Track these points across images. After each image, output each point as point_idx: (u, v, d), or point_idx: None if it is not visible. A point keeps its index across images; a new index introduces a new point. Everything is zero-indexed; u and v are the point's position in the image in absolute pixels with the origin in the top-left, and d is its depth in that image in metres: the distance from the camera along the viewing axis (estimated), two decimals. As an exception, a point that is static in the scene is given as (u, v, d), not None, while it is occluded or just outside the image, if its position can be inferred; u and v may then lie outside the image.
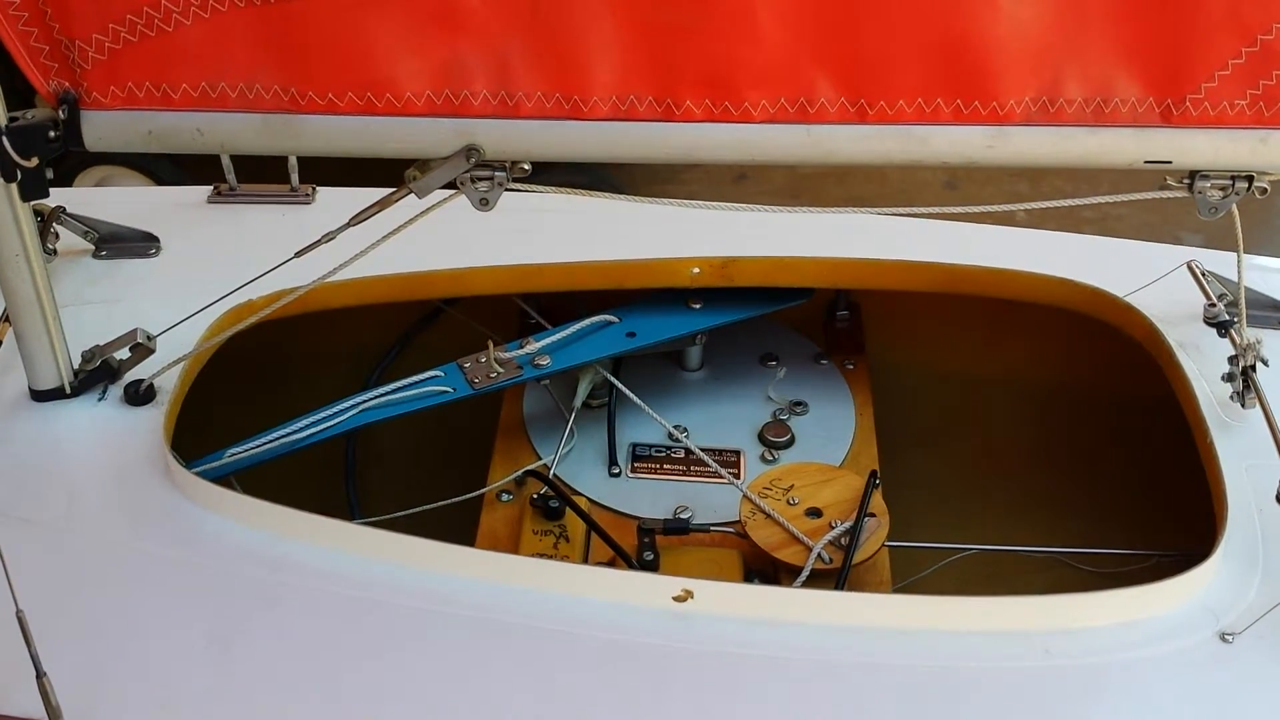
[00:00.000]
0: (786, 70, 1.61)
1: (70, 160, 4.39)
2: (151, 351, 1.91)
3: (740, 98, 1.63)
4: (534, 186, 1.71)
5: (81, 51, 1.62)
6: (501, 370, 2.06)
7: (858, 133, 1.65)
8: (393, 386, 2.06)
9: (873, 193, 5.11)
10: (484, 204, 1.71)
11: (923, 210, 1.84)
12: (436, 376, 2.07)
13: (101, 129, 1.67)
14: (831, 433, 2.12)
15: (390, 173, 1.75)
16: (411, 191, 1.71)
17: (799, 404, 2.21)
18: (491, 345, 2.08)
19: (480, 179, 1.68)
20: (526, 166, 1.69)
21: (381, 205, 1.76)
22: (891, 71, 1.61)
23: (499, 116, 1.64)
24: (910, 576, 2.04)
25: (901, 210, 1.89)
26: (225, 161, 2.29)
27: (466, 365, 2.08)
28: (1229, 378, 1.91)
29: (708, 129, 1.65)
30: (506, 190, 1.70)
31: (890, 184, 5.11)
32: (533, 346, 2.10)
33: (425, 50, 1.61)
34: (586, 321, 2.15)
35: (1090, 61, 1.60)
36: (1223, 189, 1.68)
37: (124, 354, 1.92)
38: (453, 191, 1.72)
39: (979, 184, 4.70)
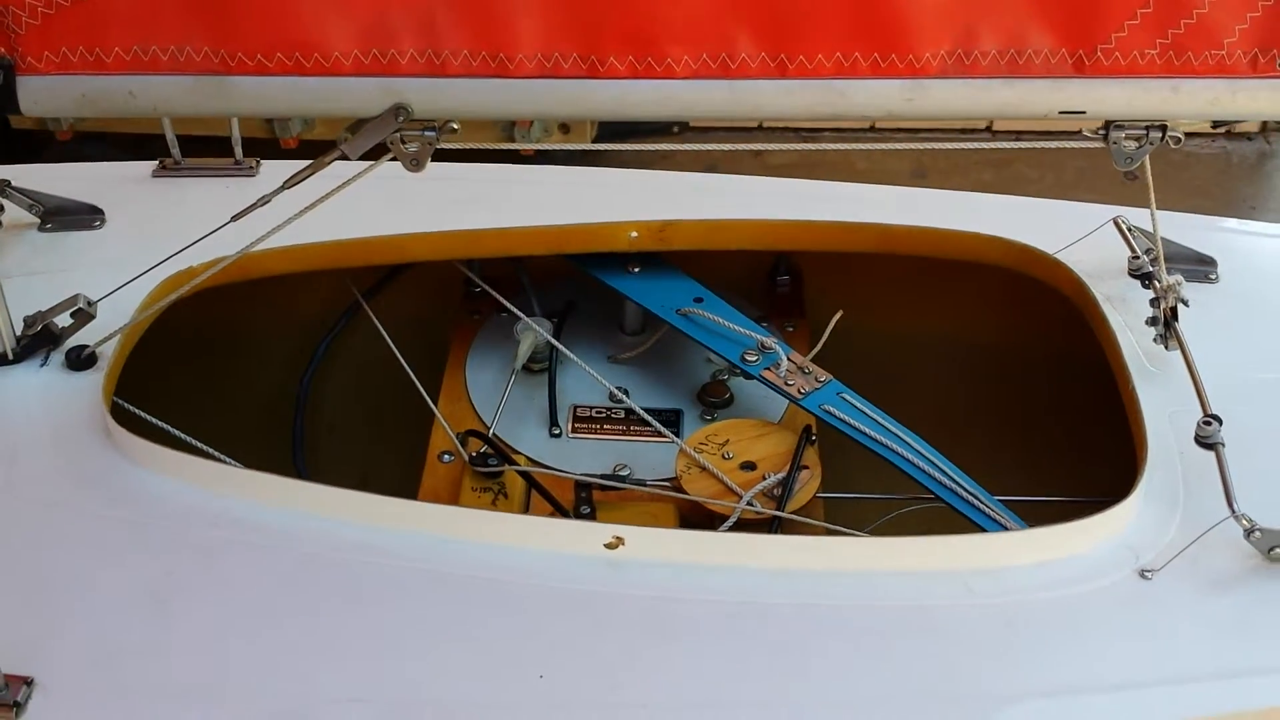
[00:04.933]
0: (707, 26, 1.64)
1: (46, 158, 4.45)
2: (92, 317, 1.93)
3: (663, 54, 1.66)
4: (465, 145, 1.74)
5: (15, 17, 1.63)
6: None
7: (779, 87, 1.68)
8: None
9: (840, 177, 5.14)
10: (415, 164, 1.73)
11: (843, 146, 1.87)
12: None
13: (37, 94, 1.68)
14: (770, 393, 2.15)
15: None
16: (343, 153, 1.73)
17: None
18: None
19: (410, 139, 1.71)
20: (455, 126, 1.72)
21: (314, 168, 1.79)
22: (810, 25, 1.64)
23: (426, 75, 1.67)
24: (851, 528, 2.07)
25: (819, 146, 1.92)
26: (169, 136, 2.32)
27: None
28: (1152, 321, 1.96)
29: (632, 86, 1.67)
30: (438, 150, 1.72)
31: (857, 174, 5.16)
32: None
33: (352, 9, 1.63)
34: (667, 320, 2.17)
35: (1002, 13, 1.63)
36: (1137, 139, 1.72)
37: (66, 321, 1.94)
38: (387, 155, 1.74)
39: (945, 174, 4.76)
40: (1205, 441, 1.74)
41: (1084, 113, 1.69)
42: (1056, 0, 1.62)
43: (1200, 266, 2.12)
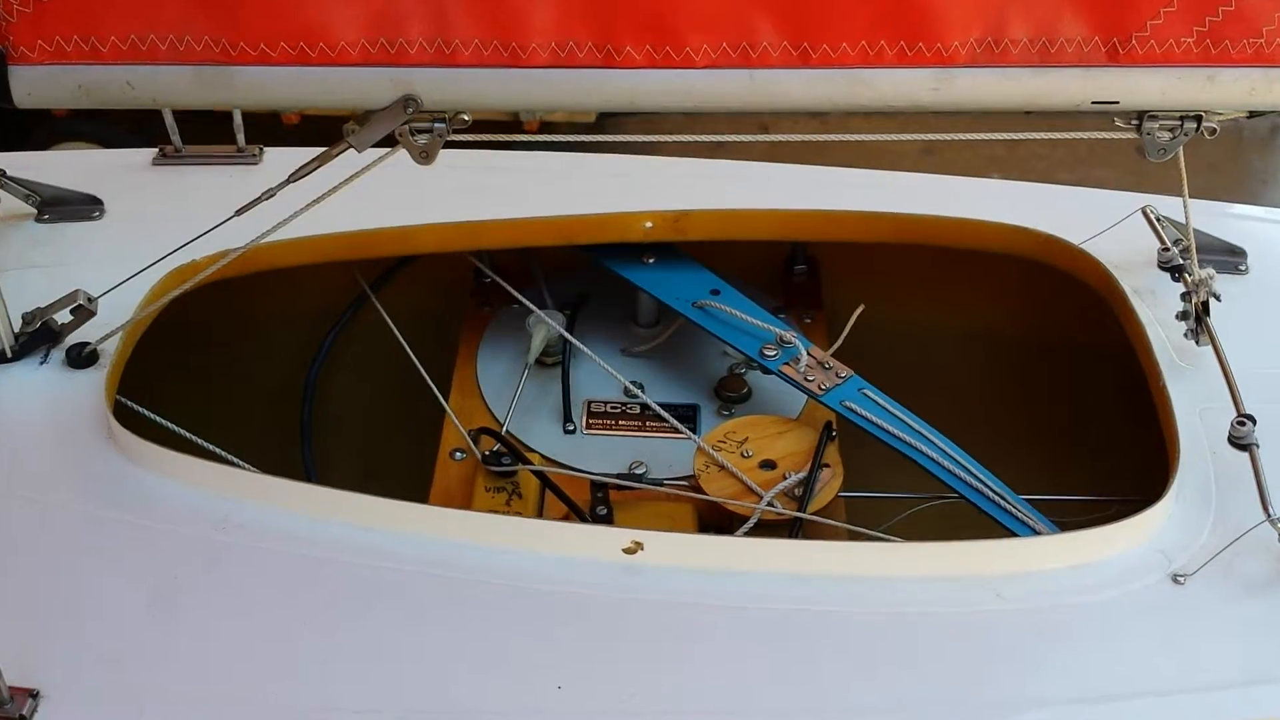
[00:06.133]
0: (728, 14, 1.59)
1: (40, 135, 4.39)
2: (93, 314, 1.88)
3: (681, 43, 1.61)
4: (476, 136, 1.68)
5: (6, 4, 1.58)
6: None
7: (801, 77, 1.63)
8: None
9: (851, 162, 5.07)
10: (424, 157, 1.68)
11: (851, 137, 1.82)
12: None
13: (31, 84, 1.63)
14: (788, 387, 2.11)
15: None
16: (350, 145, 1.68)
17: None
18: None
19: (419, 131, 1.66)
20: (466, 118, 1.67)
21: (321, 160, 1.74)
22: (834, 13, 1.59)
23: (436, 65, 1.61)
24: (873, 528, 2.03)
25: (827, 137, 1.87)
26: (169, 122, 2.26)
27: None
28: (1183, 315, 1.91)
29: (649, 75, 1.62)
30: (446, 143, 1.67)
31: (868, 152, 5.10)
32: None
33: None
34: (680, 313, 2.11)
35: (1034, 1, 1.58)
36: (1171, 129, 1.66)
37: (66, 317, 1.89)
38: (394, 147, 1.69)
39: (956, 149, 4.72)
40: (1239, 442, 1.70)
41: (1117, 103, 1.64)
42: None
43: (1230, 258, 2.07)
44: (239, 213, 1.80)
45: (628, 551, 1.62)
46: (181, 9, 1.58)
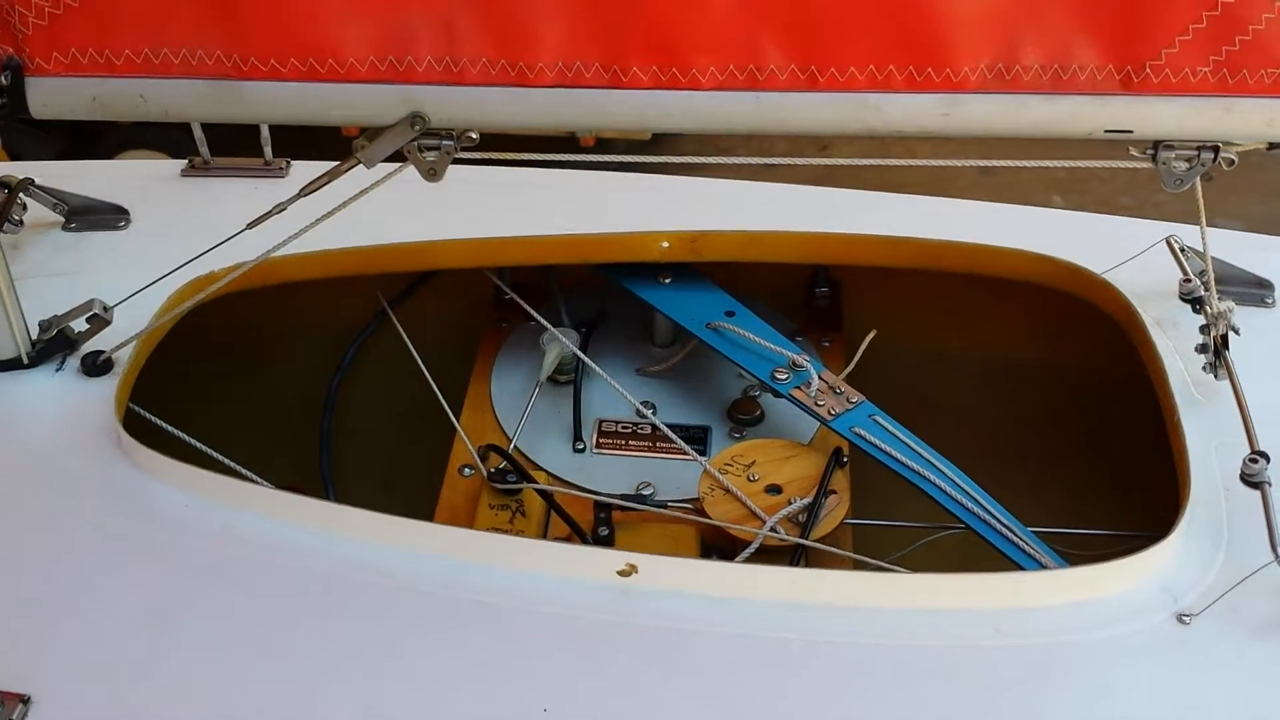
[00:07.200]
0: (735, 36, 1.58)
1: (108, 142, 4.47)
2: (108, 323, 1.91)
3: (688, 64, 1.60)
4: (483, 154, 1.69)
5: (22, 17, 1.61)
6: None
7: (808, 101, 1.61)
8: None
9: (907, 179, 5.03)
10: (432, 174, 1.69)
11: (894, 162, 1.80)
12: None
13: (46, 95, 1.66)
14: (802, 411, 2.09)
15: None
16: (359, 161, 1.69)
17: (771, 381, 2.17)
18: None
19: (428, 148, 1.66)
20: (474, 135, 1.67)
21: (331, 176, 1.75)
22: (842, 37, 1.57)
23: (444, 83, 1.62)
24: (882, 556, 2.01)
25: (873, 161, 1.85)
26: (197, 135, 2.29)
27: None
28: (1202, 348, 1.87)
29: (656, 96, 1.62)
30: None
31: (924, 169, 5.04)
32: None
33: (368, 14, 1.59)
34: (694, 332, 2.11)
35: (1046, 26, 1.56)
36: (1188, 160, 1.63)
37: (83, 325, 1.91)
38: (403, 163, 1.70)
39: (1014, 170, 4.66)
40: (1251, 480, 1.66)
41: (1131, 132, 1.61)
42: (1104, 13, 1.54)
43: (1256, 290, 2.02)
44: (251, 225, 1.81)
45: (622, 574, 1.61)
46: (193, 24, 1.60)
